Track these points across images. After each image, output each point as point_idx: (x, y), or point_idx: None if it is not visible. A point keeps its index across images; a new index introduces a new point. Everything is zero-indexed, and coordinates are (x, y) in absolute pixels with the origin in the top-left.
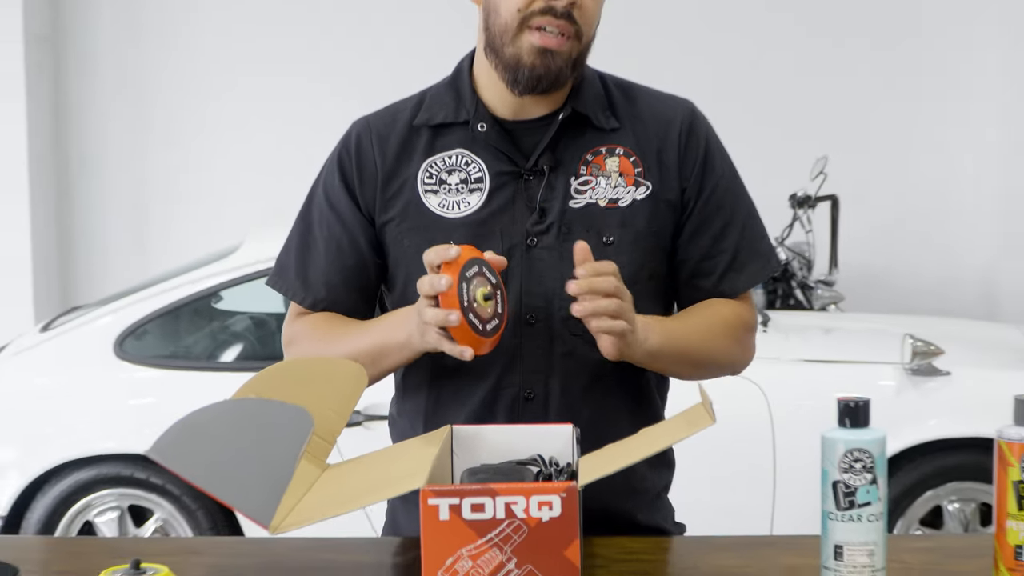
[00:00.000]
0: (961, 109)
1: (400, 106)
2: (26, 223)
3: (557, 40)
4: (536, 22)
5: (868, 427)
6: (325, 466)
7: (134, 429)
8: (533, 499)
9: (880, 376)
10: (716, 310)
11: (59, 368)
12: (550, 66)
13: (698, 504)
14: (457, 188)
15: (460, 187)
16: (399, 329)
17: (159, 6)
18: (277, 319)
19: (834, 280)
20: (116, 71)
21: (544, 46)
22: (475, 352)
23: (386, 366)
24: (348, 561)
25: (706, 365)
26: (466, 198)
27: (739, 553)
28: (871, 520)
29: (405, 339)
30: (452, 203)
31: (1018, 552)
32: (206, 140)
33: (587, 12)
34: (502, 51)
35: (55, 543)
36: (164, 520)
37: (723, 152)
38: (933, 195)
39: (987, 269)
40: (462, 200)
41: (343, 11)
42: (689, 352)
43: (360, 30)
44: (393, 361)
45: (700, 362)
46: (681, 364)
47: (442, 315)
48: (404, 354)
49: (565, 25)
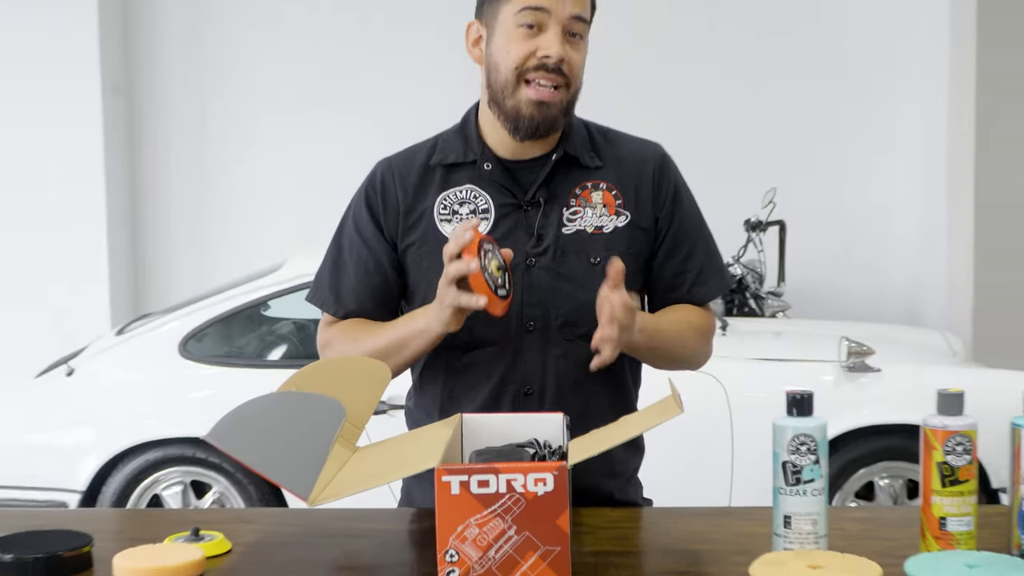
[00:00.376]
0: (887, 148)
1: (416, 148)
2: (103, 243)
3: (550, 93)
4: (531, 76)
5: (811, 416)
6: (355, 448)
7: (195, 417)
8: (530, 476)
9: (821, 372)
10: (685, 314)
11: (132, 366)
12: (546, 115)
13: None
14: (467, 217)
15: (470, 216)
16: (418, 320)
17: (215, 59)
18: (316, 324)
19: (782, 292)
20: (178, 114)
21: (539, 99)
22: (489, 310)
23: (408, 354)
24: (375, 529)
25: (676, 358)
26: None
27: (704, 521)
28: (815, 494)
29: (424, 326)
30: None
31: (942, 522)
32: (252, 173)
33: (574, 66)
34: (504, 104)
35: (127, 514)
36: (220, 493)
37: (687, 188)
38: (864, 220)
39: (910, 282)
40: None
41: (371, 67)
42: (664, 347)
43: (387, 79)
44: (414, 349)
45: (672, 355)
46: (657, 357)
47: (463, 264)
48: (424, 339)
49: (556, 78)
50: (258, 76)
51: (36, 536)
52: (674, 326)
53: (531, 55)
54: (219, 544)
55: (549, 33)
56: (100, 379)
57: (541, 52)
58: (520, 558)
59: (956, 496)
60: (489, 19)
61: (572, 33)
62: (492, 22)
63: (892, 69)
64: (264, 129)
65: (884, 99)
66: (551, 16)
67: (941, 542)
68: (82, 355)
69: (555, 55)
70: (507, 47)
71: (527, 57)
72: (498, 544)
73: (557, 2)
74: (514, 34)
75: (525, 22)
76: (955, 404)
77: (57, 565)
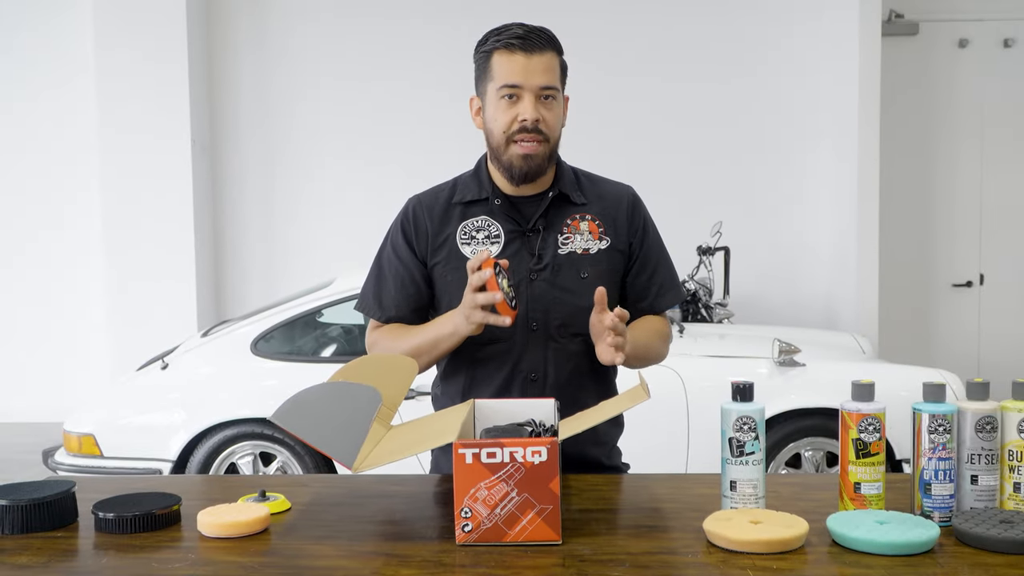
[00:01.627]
0: (808, 187)
1: (440, 188)
2: (191, 265)
3: (533, 147)
4: (517, 137)
5: (752, 401)
6: (389, 427)
7: (263, 401)
8: (528, 449)
9: (758, 366)
10: (651, 324)
11: (213, 361)
12: (532, 165)
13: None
14: (482, 241)
15: (484, 240)
16: (447, 324)
17: (280, 116)
18: (360, 328)
19: (727, 303)
20: (250, 162)
21: (525, 153)
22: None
23: (438, 352)
24: (405, 490)
25: (648, 361)
26: (489, 248)
27: (666, 484)
28: (755, 464)
29: (452, 329)
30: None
31: (857, 487)
32: (308, 207)
33: (549, 122)
34: (500, 159)
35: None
36: (283, 463)
37: (652, 221)
38: (791, 245)
39: (826, 294)
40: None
41: (404, 123)
42: (639, 353)
43: (416, 133)
44: (443, 348)
45: (646, 359)
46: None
47: (490, 296)
48: (452, 340)
49: (535, 136)
50: (315, 129)
51: (136, 497)
52: (645, 337)
53: (514, 120)
54: (281, 503)
55: (525, 102)
56: (189, 372)
57: (520, 117)
58: (520, 514)
59: (868, 466)
60: (482, 95)
61: (545, 97)
62: (484, 97)
63: (812, 122)
64: (318, 172)
65: (806, 147)
66: (523, 88)
67: (856, 503)
68: (174, 353)
69: (530, 118)
70: (495, 116)
71: (511, 123)
72: (503, 503)
73: (527, 78)
74: (499, 105)
75: (505, 95)
76: (867, 392)
77: (152, 520)
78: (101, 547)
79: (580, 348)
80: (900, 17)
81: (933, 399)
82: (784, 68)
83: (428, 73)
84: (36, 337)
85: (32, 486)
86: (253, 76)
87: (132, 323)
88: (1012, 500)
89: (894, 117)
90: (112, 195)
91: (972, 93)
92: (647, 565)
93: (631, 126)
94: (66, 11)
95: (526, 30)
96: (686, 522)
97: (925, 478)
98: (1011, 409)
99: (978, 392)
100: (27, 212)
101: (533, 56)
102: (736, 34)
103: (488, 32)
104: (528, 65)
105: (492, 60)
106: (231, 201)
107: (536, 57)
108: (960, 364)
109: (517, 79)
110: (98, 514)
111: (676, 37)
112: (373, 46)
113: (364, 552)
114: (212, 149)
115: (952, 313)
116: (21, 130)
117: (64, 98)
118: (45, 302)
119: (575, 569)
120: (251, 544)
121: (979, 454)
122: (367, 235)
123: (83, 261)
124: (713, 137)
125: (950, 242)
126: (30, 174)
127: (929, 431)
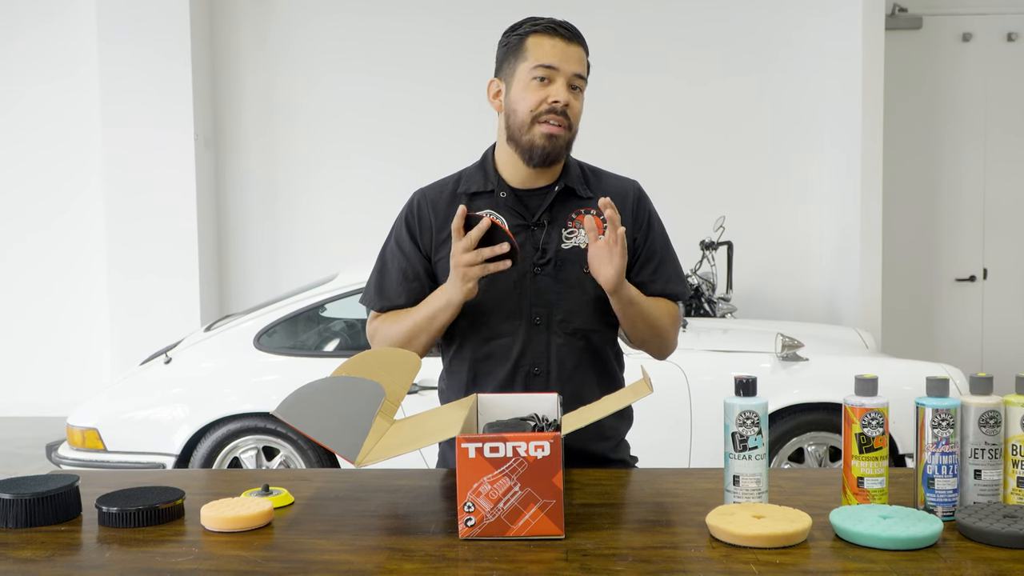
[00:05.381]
0: (812, 183)
1: (445, 181)
2: (195, 259)
3: (558, 128)
4: (543, 118)
5: (755, 396)
6: (393, 421)
7: (266, 396)
8: (531, 443)
9: (761, 361)
10: (659, 302)
11: (217, 355)
12: (554, 146)
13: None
14: None
15: None
16: (439, 297)
17: (283, 113)
18: (361, 323)
19: (730, 298)
20: (254, 157)
21: (550, 132)
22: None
23: (437, 325)
24: (408, 485)
25: (656, 329)
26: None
27: (669, 479)
28: (758, 458)
29: (447, 300)
30: None
31: (860, 481)
32: (311, 204)
33: (575, 110)
34: (520, 140)
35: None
36: (286, 457)
37: (658, 216)
38: (794, 241)
39: (830, 289)
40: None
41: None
42: (649, 313)
43: (416, 131)
44: (441, 320)
45: (653, 325)
46: (643, 320)
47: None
48: (448, 311)
49: (562, 119)
50: (319, 123)
51: (139, 491)
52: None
53: (543, 101)
54: (284, 498)
55: (558, 84)
56: (192, 366)
57: (552, 98)
58: (523, 509)
59: (871, 460)
60: (507, 76)
61: (573, 87)
62: (510, 79)
63: (815, 116)
64: (321, 166)
65: (809, 141)
66: (559, 72)
67: (859, 497)
68: (178, 347)
69: (563, 100)
70: (523, 95)
71: (540, 103)
72: (506, 498)
73: (563, 61)
74: (529, 85)
75: (538, 76)
76: (870, 387)
77: (155, 514)
78: (105, 541)
79: (583, 342)
80: (904, 11)
81: (936, 394)
82: (788, 62)
83: (433, 69)
84: (40, 331)
85: (36, 480)
86: (257, 70)
87: (135, 317)
88: (1016, 495)
89: (897, 111)
90: (115, 189)
91: (976, 87)
92: (650, 560)
93: (634, 122)
94: (69, 5)
95: (560, 22)
96: (689, 517)
97: (928, 473)
98: (1015, 404)
99: (981, 387)
100: (30, 206)
101: (571, 44)
102: (740, 29)
103: (519, 21)
104: (567, 50)
105: (528, 41)
106: (234, 195)
107: (573, 46)
108: (963, 359)
109: (555, 61)
110: (102, 508)
111: (681, 34)
112: (378, 41)
113: (367, 546)
114: (216, 143)
115: (955, 308)
116: (24, 124)
117: (67, 92)
118: (48, 296)
119: (578, 563)
120: (254, 538)
121: (982, 449)
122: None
123: (86, 255)
124: (716, 131)
125: (953, 236)
126: (34, 168)
127: (932, 426)
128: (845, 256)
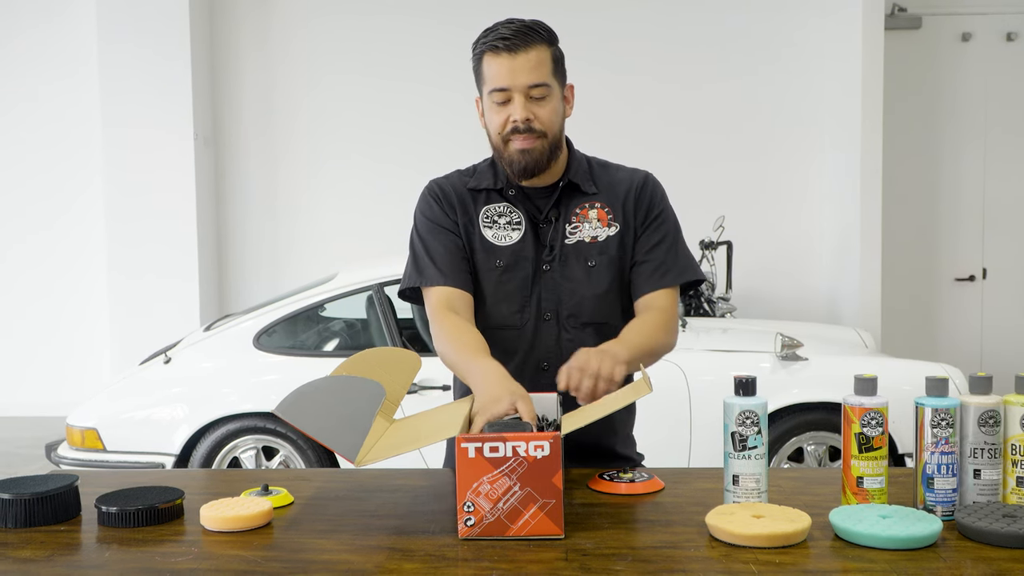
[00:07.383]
0: (812, 183)
1: (455, 174)
2: (194, 259)
3: (529, 142)
4: (510, 137)
5: (754, 395)
6: (392, 420)
7: (265, 396)
8: (531, 443)
9: (761, 361)
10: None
11: (216, 355)
12: (530, 159)
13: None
14: (503, 226)
15: (506, 226)
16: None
17: (283, 113)
18: (360, 323)
19: (729, 297)
20: (254, 154)
21: (522, 148)
22: None
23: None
24: (408, 484)
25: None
26: (509, 234)
27: (668, 479)
28: (757, 458)
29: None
30: (501, 236)
31: (859, 481)
32: (310, 204)
33: (543, 119)
34: (501, 156)
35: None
36: (286, 457)
37: (667, 203)
38: (794, 241)
39: (829, 289)
40: (506, 235)
41: (404, 123)
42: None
43: (416, 135)
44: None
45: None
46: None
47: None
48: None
49: (528, 135)
50: (318, 124)
51: (139, 491)
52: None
53: (506, 121)
54: (284, 497)
55: (515, 103)
56: (191, 366)
57: (512, 118)
58: (523, 509)
59: (870, 460)
60: (480, 96)
61: (535, 97)
62: (481, 100)
63: (815, 115)
64: (321, 166)
65: (809, 141)
66: (512, 90)
67: (858, 497)
68: (177, 347)
69: (520, 118)
70: (490, 117)
71: (504, 124)
72: (505, 498)
73: (514, 78)
74: (491, 108)
75: (496, 100)
76: (869, 387)
77: (155, 514)
78: (104, 541)
79: (591, 337)
80: (903, 11)
81: (936, 393)
82: (788, 62)
83: (433, 69)
84: (39, 331)
85: (35, 480)
86: (256, 70)
87: (135, 318)
88: (1015, 494)
89: (897, 111)
90: (115, 189)
91: (975, 87)
92: (649, 559)
93: (634, 122)
94: (69, 5)
95: (511, 29)
96: (688, 516)
97: (928, 472)
98: (1014, 403)
99: (981, 386)
100: (30, 207)
101: (518, 55)
102: (740, 30)
103: (480, 33)
104: (514, 66)
105: (482, 63)
106: (234, 195)
107: (522, 56)
108: (963, 358)
109: (504, 82)
110: (101, 508)
111: (680, 34)
112: (378, 42)
113: (367, 546)
114: (215, 144)
115: (955, 307)
116: (24, 125)
117: (67, 93)
118: (49, 297)
119: (578, 563)
120: (254, 538)
121: (982, 448)
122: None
123: (86, 255)
124: (717, 132)
125: (953, 236)
126: (34, 168)
127: (932, 425)
128: (845, 256)
